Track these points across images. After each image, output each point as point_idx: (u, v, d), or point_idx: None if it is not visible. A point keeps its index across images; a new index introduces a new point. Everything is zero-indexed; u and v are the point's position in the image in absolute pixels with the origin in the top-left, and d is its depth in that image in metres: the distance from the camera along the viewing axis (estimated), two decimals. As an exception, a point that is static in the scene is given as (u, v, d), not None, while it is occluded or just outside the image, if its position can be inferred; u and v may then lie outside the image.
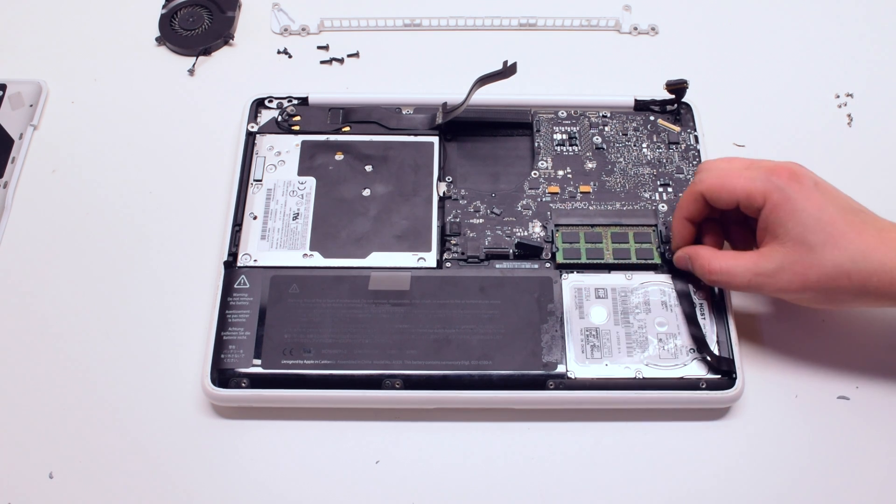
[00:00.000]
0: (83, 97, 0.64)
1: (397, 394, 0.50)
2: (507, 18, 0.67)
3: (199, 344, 0.52)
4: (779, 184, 0.47)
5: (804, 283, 0.47)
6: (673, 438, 0.50)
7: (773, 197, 0.47)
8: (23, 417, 0.51)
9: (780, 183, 0.47)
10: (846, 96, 0.63)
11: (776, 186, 0.47)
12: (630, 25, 0.67)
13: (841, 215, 0.47)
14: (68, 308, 0.55)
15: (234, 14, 0.68)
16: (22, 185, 0.60)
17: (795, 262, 0.47)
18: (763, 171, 0.48)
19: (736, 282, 0.49)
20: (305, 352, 0.50)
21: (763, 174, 0.48)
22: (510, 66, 0.56)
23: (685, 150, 0.58)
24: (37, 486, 0.49)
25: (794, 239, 0.46)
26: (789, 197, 0.47)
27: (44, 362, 0.53)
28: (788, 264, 0.47)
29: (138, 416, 0.51)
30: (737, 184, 0.48)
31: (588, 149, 0.59)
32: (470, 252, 0.54)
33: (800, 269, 0.46)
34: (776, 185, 0.47)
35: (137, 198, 0.59)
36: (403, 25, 0.67)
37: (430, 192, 0.56)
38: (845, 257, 0.46)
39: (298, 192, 0.56)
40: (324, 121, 0.60)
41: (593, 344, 0.51)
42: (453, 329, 0.51)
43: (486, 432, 0.51)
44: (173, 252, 0.57)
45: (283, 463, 0.50)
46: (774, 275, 0.47)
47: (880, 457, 0.50)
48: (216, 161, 0.60)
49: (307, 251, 0.54)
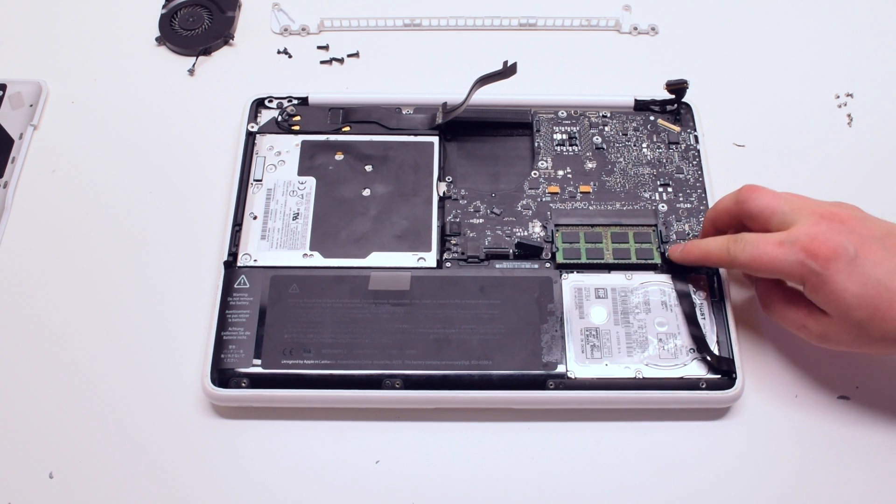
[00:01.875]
0: (83, 97, 0.64)
1: (397, 394, 0.50)
2: (507, 18, 0.67)
3: (199, 344, 0.52)
4: (814, 268, 0.45)
5: (850, 349, 0.48)
6: (673, 438, 0.50)
7: (810, 280, 0.46)
8: (23, 417, 0.51)
9: (816, 267, 0.45)
10: (846, 96, 0.63)
11: (811, 271, 0.45)
12: (630, 25, 0.67)
13: (884, 285, 0.45)
14: (68, 308, 0.55)
15: (234, 14, 0.68)
16: (22, 185, 0.60)
17: (842, 334, 0.47)
18: (797, 250, 0.46)
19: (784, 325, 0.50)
20: (305, 352, 0.50)
21: (797, 255, 0.46)
22: (510, 66, 0.56)
23: (685, 150, 0.58)
24: (37, 486, 0.49)
25: (838, 316, 0.46)
26: (826, 280, 0.45)
27: (44, 362, 0.53)
28: (835, 334, 0.47)
29: (138, 416, 0.51)
30: (773, 265, 0.47)
31: (588, 149, 0.59)
32: (470, 252, 0.54)
33: (846, 339, 0.47)
34: (811, 269, 0.45)
35: (137, 198, 0.59)
36: (403, 25, 0.67)
37: (430, 192, 0.56)
38: (893, 327, 0.45)
39: (298, 192, 0.56)
40: (324, 121, 0.60)
41: (593, 344, 0.51)
42: (453, 329, 0.51)
43: (486, 432, 0.51)
44: (173, 252, 0.57)
45: (283, 463, 0.50)
46: (821, 336, 0.48)
47: (880, 457, 0.50)
48: (216, 161, 0.60)
49: (307, 251, 0.54)
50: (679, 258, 0.52)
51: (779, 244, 0.47)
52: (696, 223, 0.55)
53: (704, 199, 0.56)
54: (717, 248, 0.49)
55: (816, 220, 0.47)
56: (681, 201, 0.56)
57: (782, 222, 0.48)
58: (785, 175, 0.60)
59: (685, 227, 0.55)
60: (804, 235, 0.46)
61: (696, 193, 0.57)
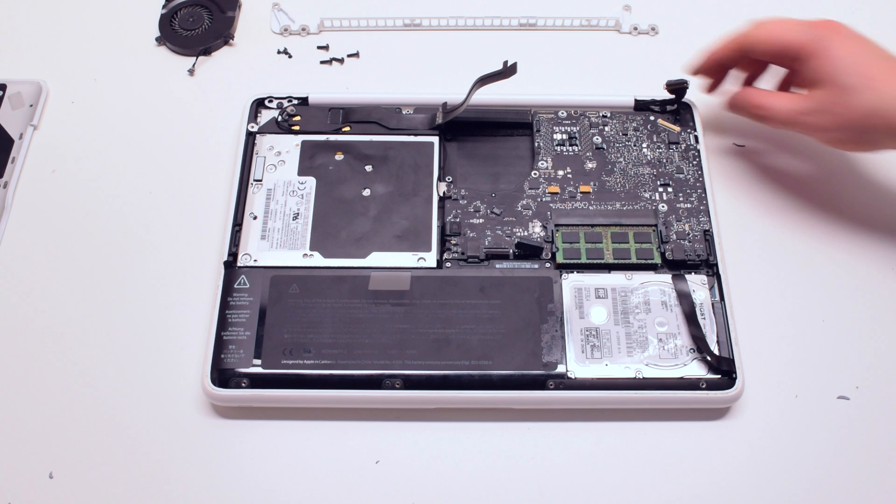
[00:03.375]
0: (83, 97, 0.64)
1: (397, 394, 0.50)
2: (507, 18, 0.67)
3: (199, 344, 0.52)
4: (819, 34, 0.52)
5: (840, 123, 0.52)
6: (673, 438, 0.50)
7: (813, 46, 0.52)
8: (23, 417, 0.51)
9: (821, 34, 0.52)
10: (846, 96, 0.63)
11: (817, 37, 0.52)
12: (630, 25, 0.67)
13: (876, 60, 0.51)
14: (68, 308, 0.55)
15: (234, 14, 0.68)
16: (22, 185, 0.60)
17: (834, 104, 0.51)
18: (804, 24, 0.53)
19: (778, 117, 0.54)
20: (305, 352, 0.50)
21: (804, 27, 0.53)
22: (510, 66, 0.56)
23: (685, 150, 0.58)
24: (37, 486, 0.49)
25: (831, 82, 0.51)
26: (828, 46, 0.51)
27: (44, 362, 0.53)
28: (827, 105, 0.52)
29: (138, 416, 0.51)
30: (782, 36, 0.53)
31: (588, 149, 0.59)
32: (470, 252, 0.54)
33: (837, 110, 0.51)
34: (817, 35, 0.52)
35: (137, 198, 0.59)
36: (403, 25, 0.67)
37: (430, 192, 0.56)
38: (879, 98, 0.50)
39: (298, 192, 0.56)
40: (324, 121, 0.60)
41: (593, 344, 0.51)
42: (453, 329, 0.51)
43: (486, 432, 0.51)
44: (173, 252, 0.57)
45: (283, 463, 0.50)
46: (813, 114, 0.52)
47: (880, 457, 0.50)
48: (216, 161, 0.60)
49: (307, 251, 0.54)
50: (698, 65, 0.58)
51: (786, 21, 0.54)
52: (696, 223, 0.55)
53: (704, 199, 0.56)
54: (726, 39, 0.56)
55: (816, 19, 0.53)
56: (681, 201, 0.56)
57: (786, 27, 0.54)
58: (785, 175, 0.60)
59: (685, 227, 0.55)
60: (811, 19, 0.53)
61: (696, 193, 0.57)
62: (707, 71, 0.58)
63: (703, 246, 0.54)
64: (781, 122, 0.54)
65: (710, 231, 0.55)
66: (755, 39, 0.54)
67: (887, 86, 0.50)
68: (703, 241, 0.54)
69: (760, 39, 0.54)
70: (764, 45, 0.54)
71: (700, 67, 0.58)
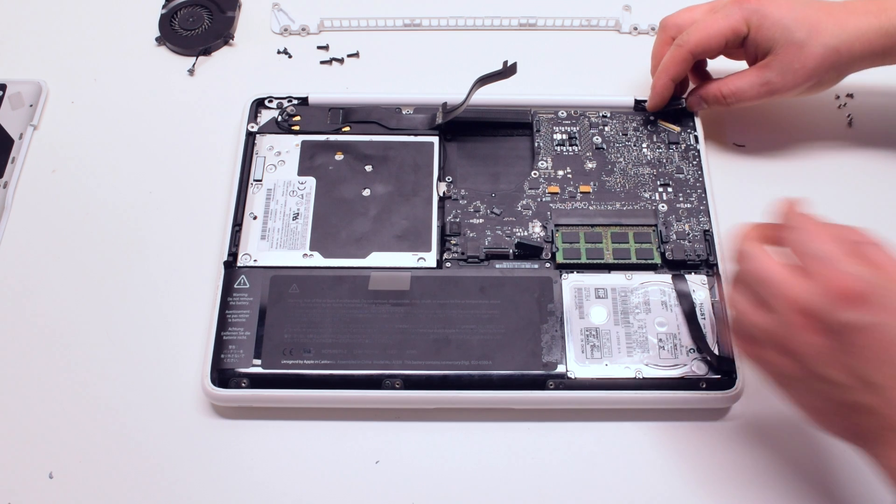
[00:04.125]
0: (83, 97, 0.64)
1: (397, 394, 0.50)
2: (507, 18, 0.67)
3: (199, 344, 0.52)
4: (751, 7, 0.54)
5: (804, 75, 0.54)
6: (673, 438, 0.50)
7: (752, 20, 0.54)
8: (23, 417, 0.51)
9: (752, 6, 0.54)
10: (846, 97, 0.63)
11: (751, 10, 0.54)
12: (630, 25, 0.67)
13: (810, 7, 0.54)
14: (68, 308, 0.55)
15: (234, 14, 0.68)
16: (22, 185, 0.60)
17: (793, 61, 0.54)
18: (731, 4, 0.54)
19: (748, 96, 0.56)
20: (305, 352, 0.50)
21: (733, 7, 0.54)
22: (510, 66, 0.56)
23: (685, 150, 0.58)
24: (37, 486, 0.49)
25: (783, 43, 0.54)
26: (766, 13, 0.54)
27: (44, 362, 0.53)
28: (787, 64, 0.54)
29: (138, 416, 0.51)
30: (720, 28, 0.54)
31: (588, 149, 0.59)
32: (470, 252, 0.54)
33: (798, 65, 0.54)
34: (750, 9, 0.54)
35: (137, 198, 0.59)
36: (403, 25, 0.67)
37: (430, 192, 0.56)
38: (829, 38, 0.53)
39: (298, 192, 0.56)
40: (324, 121, 0.60)
41: (593, 344, 0.51)
42: (453, 329, 0.51)
43: (486, 432, 0.51)
44: (173, 252, 0.57)
45: (283, 463, 0.50)
46: (777, 79, 0.55)
47: (880, 457, 0.50)
48: (216, 161, 0.60)
49: (307, 251, 0.54)
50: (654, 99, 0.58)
51: (712, 12, 0.55)
52: (695, 223, 0.55)
53: (704, 199, 0.56)
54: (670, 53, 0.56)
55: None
56: (681, 201, 0.56)
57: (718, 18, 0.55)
58: (785, 175, 0.60)
59: (685, 227, 0.55)
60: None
61: (696, 193, 0.57)
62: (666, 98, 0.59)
63: (703, 246, 0.54)
64: (752, 98, 0.56)
65: (710, 231, 0.55)
66: (697, 48, 0.55)
67: (830, 24, 0.53)
68: (703, 241, 0.54)
69: (702, 45, 0.55)
70: (707, 47, 0.55)
71: (662, 101, 0.59)
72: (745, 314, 0.43)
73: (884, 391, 0.39)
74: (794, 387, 0.43)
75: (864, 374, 0.40)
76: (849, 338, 0.39)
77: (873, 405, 0.40)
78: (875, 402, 0.40)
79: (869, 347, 0.39)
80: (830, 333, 0.40)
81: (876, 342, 0.39)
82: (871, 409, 0.40)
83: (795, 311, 0.40)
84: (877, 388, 0.40)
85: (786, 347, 0.41)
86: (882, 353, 0.39)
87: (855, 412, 0.41)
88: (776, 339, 0.41)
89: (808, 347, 0.40)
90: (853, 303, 0.39)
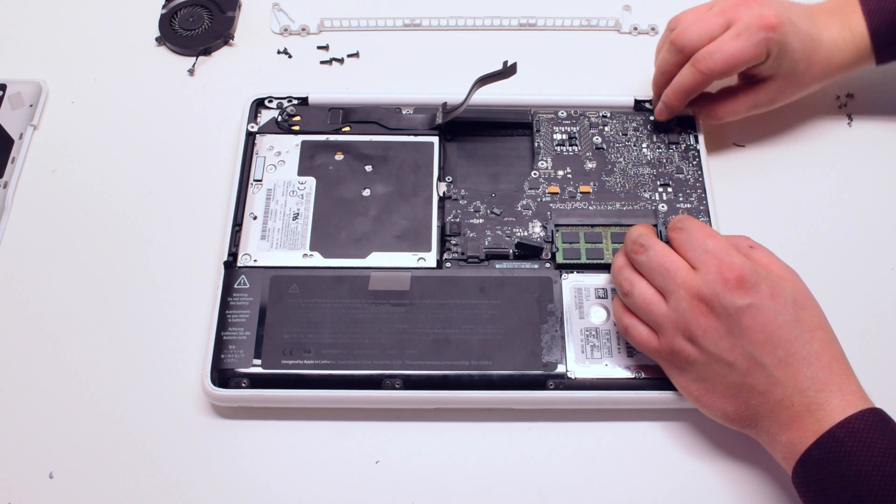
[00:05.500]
0: (83, 97, 0.64)
1: (397, 394, 0.50)
2: (507, 18, 0.67)
3: (199, 344, 0.52)
4: (775, 37, 0.54)
5: (793, 97, 0.58)
6: (673, 438, 0.50)
7: (773, 49, 0.54)
8: (23, 417, 0.51)
9: (776, 37, 0.54)
10: (846, 97, 0.63)
11: (775, 40, 0.54)
12: (630, 25, 0.67)
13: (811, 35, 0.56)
14: (68, 308, 0.55)
15: (234, 14, 0.68)
16: (22, 185, 0.60)
17: (786, 87, 0.57)
18: (756, 30, 0.54)
19: (738, 116, 0.58)
20: (305, 352, 0.50)
21: (759, 34, 0.54)
22: (510, 66, 0.56)
23: (685, 150, 0.58)
24: (37, 486, 0.49)
25: (785, 73, 0.56)
26: (786, 44, 0.54)
27: (44, 362, 0.53)
28: (781, 90, 0.57)
29: (138, 416, 0.51)
30: (746, 56, 0.54)
31: (588, 149, 0.59)
32: (470, 252, 0.54)
33: (789, 93, 0.57)
34: (774, 38, 0.54)
35: (137, 198, 0.59)
36: (403, 25, 0.67)
37: (430, 192, 0.56)
38: (819, 70, 0.57)
39: (298, 192, 0.56)
40: (324, 121, 0.60)
41: (593, 344, 0.51)
42: (453, 329, 0.51)
43: (486, 432, 0.51)
44: (173, 252, 0.57)
45: (283, 463, 0.50)
46: (770, 101, 0.58)
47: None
48: (216, 161, 0.60)
49: (307, 251, 0.54)
50: (666, 110, 0.58)
51: (736, 36, 0.54)
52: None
53: (704, 199, 0.56)
54: (690, 75, 0.55)
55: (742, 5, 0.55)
56: (681, 201, 0.56)
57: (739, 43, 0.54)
58: (785, 175, 0.60)
59: (685, 227, 0.55)
60: (750, 17, 0.54)
61: (696, 193, 0.57)
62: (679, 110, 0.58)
63: (703, 246, 0.54)
64: (740, 115, 0.58)
65: (710, 231, 0.55)
66: (721, 75, 0.55)
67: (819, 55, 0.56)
68: (703, 241, 0.54)
69: (726, 71, 0.55)
70: (729, 72, 0.55)
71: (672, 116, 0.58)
72: (651, 304, 0.47)
73: (769, 370, 0.44)
74: (693, 371, 0.46)
75: (753, 353, 0.44)
76: (736, 318, 0.44)
77: (761, 384, 0.44)
78: (762, 380, 0.44)
79: (757, 327, 0.44)
80: (721, 316, 0.45)
81: (763, 323, 0.44)
82: (759, 388, 0.45)
83: (694, 296, 0.45)
84: (763, 368, 0.44)
85: (687, 331, 0.45)
86: (768, 332, 0.44)
87: (746, 392, 0.45)
88: (678, 325, 0.46)
89: (706, 329, 0.45)
90: (738, 287, 0.44)
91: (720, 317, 0.45)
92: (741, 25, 0.54)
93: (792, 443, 0.44)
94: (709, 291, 0.45)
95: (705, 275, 0.45)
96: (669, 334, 0.46)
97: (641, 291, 0.47)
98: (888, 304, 0.55)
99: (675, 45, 0.56)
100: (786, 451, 0.45)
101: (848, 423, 0.42)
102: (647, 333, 0.47)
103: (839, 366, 0.45)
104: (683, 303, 0.45)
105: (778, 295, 0.45)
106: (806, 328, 0.45)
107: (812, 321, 0.45)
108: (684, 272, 0.46)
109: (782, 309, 0.44)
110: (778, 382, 0.44)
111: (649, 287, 0.47)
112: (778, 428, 0.45)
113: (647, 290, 0.47)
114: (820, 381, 0.44)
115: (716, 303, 0.44)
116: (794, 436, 0.44)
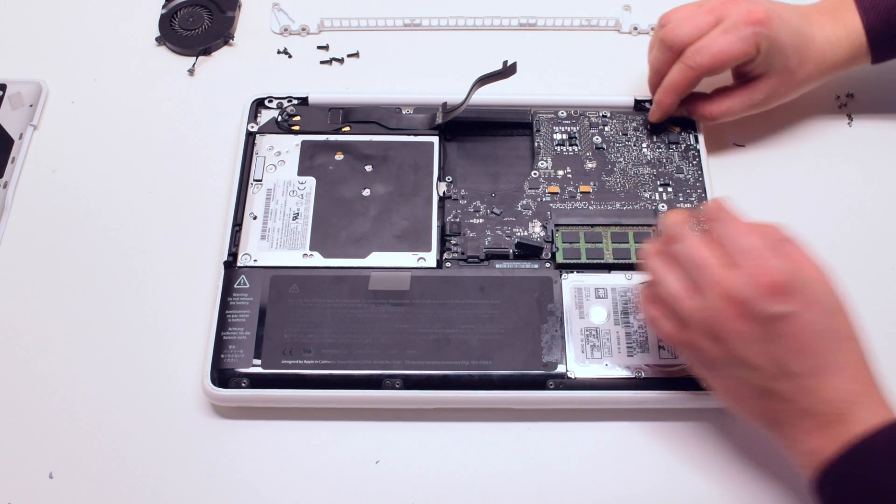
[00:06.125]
0: (83, 97, 0.64)
1: (397, 394, 0.50)
2: (507, 18, 0.67)
3: (199, 344, 0.52)
4: (764, 32, 0.54)
5: (789, 95, 0.58)
6: (673, 438, 0.50)
7: (763, 45, 0.54)
8: (23, 417, 0.51)
9: (765, 31, 0.54)
10: (846, 97, 0.63)
11: (764, 35, 0.54)
12: (630, 25, 0.67)
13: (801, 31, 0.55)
14: (68, 308, 0.55)
15: (234, 14, 0.68)
16: (22, 185, 0.60)
17: (781, 85, 0.57)
18: (743, 25, 0.54)
19: (734, 116, 0.58)
20: (305, 352, 0.50)
21: (747, 29, 0.54)
22: (510, 66, 0.56)
23: (685, 150, 0.58)
24: (37, 486, 0.49)
25: (778, 69, 0.56)
26: (775, 39, 0.54)
27: (44, 362, 0.53)
28: (776, 88, 0.57)
29: (138, 416, 0.51)
30: (734, 52, 0.54)
31: (588, 149, 0.59)
32: (470, 252, 0.54)
33: (783, 91, 0.57)
34: (763, 34, 0.54)
35: (137, 198, 0.59)
36: (403, 25, 0.67)
37: (430, 192, 0.56)
38: (812, 66, 0.56)
39: (298, 192, 0.56)
40: (324, 121, 0.60)
41: (593, 344, 0.51)
42: (453, 329, 0.51)
43: (486, 432, 0.51)
44: (173, 252, 0.57)
45: (283, 463, 0.50)
46: (766, 99, 0.57)
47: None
48: (216, 161, 0.60)
49: (307, 251, 0.54)
50: (658, 110, 0.58)
51: (725, 32, 0.54)
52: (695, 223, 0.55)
53: (704, 199, 0.56)
54: (679, 72, 0.55)
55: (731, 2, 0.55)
56: (681, 201, 0.56)
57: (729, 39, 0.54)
58: (785, 175, 0.60)
59: (685, 227, 0.55)
60: (739, 13, 0.54)
61: (696, 193, 0.57)
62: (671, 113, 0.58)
63: (703, 246, 0.54)
64: (736, 116, 0.58)
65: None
66: (710, 71, 0.55)
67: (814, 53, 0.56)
68: (703, 241, 0.54)
69: (714, 67, 0.55)
70: (718, 68, 0.55)
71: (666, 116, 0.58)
72: (679, 299, 0.45)
73: (798, 379, 0.43)
74: (717, 370, 0.45)
75: (783, 361, 0.43)
76: (773, 327, 0.43)
77: (787, 392, 0.43)
78: (789, 389, 0.43)
79: (790, 336, 0.43)
80: (756, 322, 0.43)
81: (797, 332, 0.42)
82: (785, 395, 0.43)
83: (726, 298, 0.43)
84: (792, 376, 0.43)
85: (714, 332, 0.44)
86: (801, 342, 0.43)
87: (770, 397, 0.44)
88: (706, 324, 0.44)
89: (735, 333, 0.43)
90: (778, 295, 0.42)
91: (751, 322, 0.43)
92: (730, 21, 0.54)
93: (814, 451, 0.43)
94: (742, 295, 0.43)
95: (739, 276, 0.43)
96: (695, 331, 0.45)
97: (670, 284, 0.45)
98: (888, 303, 0.55)
99: (665, 42, 0.56)
100: (806, 459, 0.43)
101: (877, 437, 0.41)
102: (671, 327, 0.46)
103: (867, 376, 0.43)
104: (713, 302, 0.43)
105: (813, 303, 0.43)
106: (838, 337, 0.43)
107: (845, 330, 0.44)
108: (717, 270, 0.44)
109: (816, 318, 0.43)
110: (806, 391, 0.43)
111: (679, 280, 0.45)
112: (800, 435, 0.43)
113: (675, 284, 0.45)
114: (848, 392, 0.42)
115: (748, 307, 0.42)
116: (817, 445, 0.43)
